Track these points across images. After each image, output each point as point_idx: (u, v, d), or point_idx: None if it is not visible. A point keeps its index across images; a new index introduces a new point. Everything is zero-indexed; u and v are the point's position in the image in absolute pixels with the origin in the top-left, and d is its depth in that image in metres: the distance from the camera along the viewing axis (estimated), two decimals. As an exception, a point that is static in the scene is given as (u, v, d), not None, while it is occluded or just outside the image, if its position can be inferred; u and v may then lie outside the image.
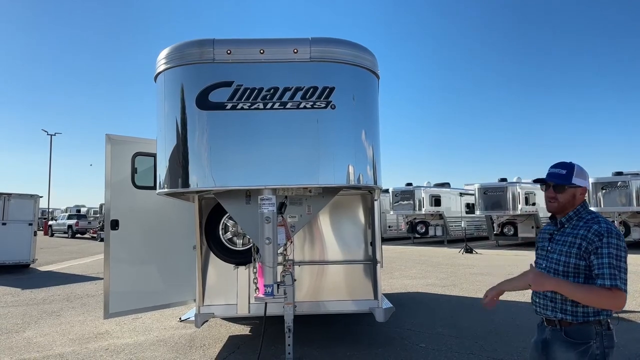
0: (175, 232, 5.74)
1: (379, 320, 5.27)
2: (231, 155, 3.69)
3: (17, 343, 5.67)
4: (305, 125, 3.71)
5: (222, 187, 3.72)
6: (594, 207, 17.73)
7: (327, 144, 3.73)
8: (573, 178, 2.21)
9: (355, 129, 3.86)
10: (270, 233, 3.87)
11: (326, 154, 3.72)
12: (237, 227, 5.37)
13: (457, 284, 9.89)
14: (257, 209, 3.93)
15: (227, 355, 5.06)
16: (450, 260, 14.81)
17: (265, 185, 3.75)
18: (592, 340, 2.08)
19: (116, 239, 5.23)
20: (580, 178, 2.23)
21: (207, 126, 3.70)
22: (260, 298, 3.76)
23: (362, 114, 3.93)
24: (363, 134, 3.90)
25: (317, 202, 4.26)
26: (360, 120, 3.90)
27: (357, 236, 5.65)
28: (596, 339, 2.08)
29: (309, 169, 3.69)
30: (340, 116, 3.77)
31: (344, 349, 5.21)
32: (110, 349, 5.35)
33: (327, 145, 3.73)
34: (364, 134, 3.90)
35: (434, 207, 22.21)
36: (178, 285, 5.76)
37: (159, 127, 3.92)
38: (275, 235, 3.86)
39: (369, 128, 3.98)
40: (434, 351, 5.12)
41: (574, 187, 2.22)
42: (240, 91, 3.69)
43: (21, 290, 9.69)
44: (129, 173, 5.39)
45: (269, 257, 3.81)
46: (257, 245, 3.96)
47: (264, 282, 3.76)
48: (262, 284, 3.77)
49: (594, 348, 2.07)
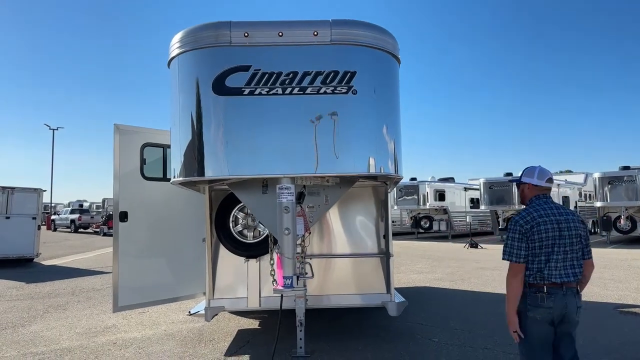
0: (184, 224, 5.63)
1: (392, 314, 5.18)
2: (249, 143, 3.56)
3: (23, 337, 5.59)
4: (326, 111, 3.56)
5: (239, 175, 3.61)
6: (600, 202, 17.62)
7: (348, 131, 3.59)
8: (522, 177, 2.99)
9: (377, 116, 3.72)
10: (289, 223, 3.75)
11: (347, 142, 3.58)
12: (248, 220, 5.27)
13: (465, 278, 9.80)
14: (275, 199, 3.81)
15: (237, 350, 4.97)
16: (456, 255, 14.71)
17: (284, 173, 3.62)
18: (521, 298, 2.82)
19: (125, 231, 5.12)
20: (527, 177, 2.97)
21: (224, 112, 3.56)
22: (279, 290, 3.66)
23: (383, 99, 3.79)
24: (385, 120, 3.76)
25: (334, 193, 4.14)
26: (382, 107, 3.76)
27: (369, 229, 5.53)
28: (522, 297, 2.81)
29: (330, 157, 3.56)
30: (362, 102, 3.63)
31: (355, 343, 5.12)
32: (118, 343, 5.27)
33: (348, 132, 3.59)
34: (385, 120, 3.77)
35: (438, 202, 22.10)
36: (187, 279, 5.67)
37: (173, 114, 3.79)
38: (294, 226, 3.74)
39: (391, 115, 3.84)
40: (447, 346, 5.03)
41: (522, 184, 3.00)
42: (258, 76, 3.55)
43: (25, 284, 9.62)
44: (138, 164, 5.27)
45: (288, 248, 3.70)
46: (275, 236, 3.85)
47: (282, 274, 3.65)
48: (281, 276, 3.66)
49: (520, 303, 2.82)
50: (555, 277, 2.74)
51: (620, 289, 8.23)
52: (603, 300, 7.34)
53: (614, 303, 7.10)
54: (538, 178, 2.92)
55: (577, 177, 24.78)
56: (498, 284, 8.77)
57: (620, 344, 5.05)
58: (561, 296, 2.74)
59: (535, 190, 2.93)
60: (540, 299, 2.73)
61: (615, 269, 10.78)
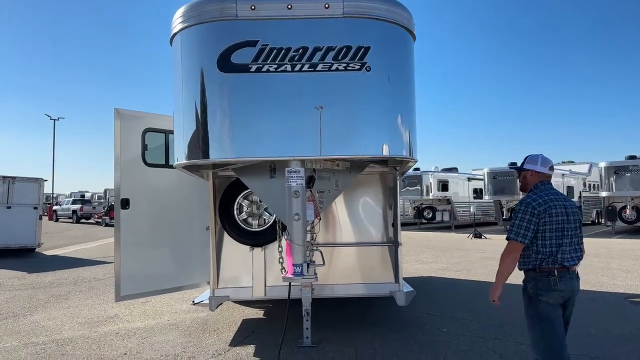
0: (187, 212, 5.50)
1: (400, 304, 5.06)
2: (256, 123, 3.36)
3: (24, 327, 5.50)
4: (338, 89, 3.36)
5: (245, 158, 3.43)
6: (605, 191, 17.45)
7: (362, 111, 3.40)
8: (525, 164, 3.03)
9: (392, 95, 3.51)
10: (299, 208, 3.59)
11: (361, 122, 3.39)
12: (253, 208, 5.14)
13: (470, 268, 9.69)
14: (283, 184, 3.64)
15: (242, 340, 4.87)
16: (460, 245, 14.61)
17: (293, 156, 3.43)
18: (529, 282, 2.88)
19: (127, 219, 4.99)
20: (531, 164, 3.00)
21: (230, 91, 3.37)
22: (289, 278, 3.52)
23: (398, 77, 3.58)
24: (400, 100, 3.57)
25: (344, 177, 3.98)
26: (397, 85, 3.55)
27: (377, 217, 5.38)
28: (532, 282, 2.85)
29: (342, 138, 3.37)
30: (376, 79, 3.42)
31: (362, 333, 5.02)
32: (120, 333, 5.17)
33: (361, 112, 3.40)
34: (401, 100, 3.57)
35: (441, 192, 21.94)
36: (191, 268, 5.55)
37: (175, 94, 3.60)
38: (304, 211, 3.58)
39: (406, 94, 3.64)
40: (457, 336, 4.92)
41: (524, 171, 3.03)
42: (266, 51, 3.34)
43: (27, 273, 9.53)
44: (139, 150, 5.12)
45: (298, 234, 3.54)
46: (284, 222, 3.70)
47: (292, 262, 3.50)
48: (291, 263, 3.52)
49: (529, 288, 2.87)
50: (567, 261, 2.81)
51: (629, 279, 8.12)
52: (613, 290, 7.23)
53: (624, 293, 6.99)
54: (541, 165, 2.97)
55: (581, 167, 24.57)
56: (505, 273, 8.64)
57: (634, 334, 4.94)
58: (569, 279, 2.82)
59: (538, 177, 2.97)
60: (553, 283, 2.77)
61: (622, 259, 10.66)
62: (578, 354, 4.31)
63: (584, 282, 7.82)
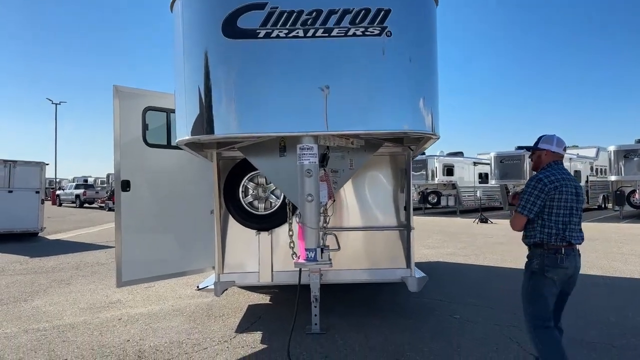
0: (191, 194, 5.29)
1: (412, 290, 4.89)
2: (264, 95, 3.08)
3: (25, 312, 5.37)
4: (356, 57, 3.06)
5: (254, 133, 3.16)
6: (614, 175, 17.19)
7: (382, 81, 3.11)
8: (540, 144, 3.05)
9: (415, 63, 3.20)
10: (312, 189, 3.34)
11: (380, 93, 3.10)
12: (259, 190, 4.95)
13: (479, 253, 9.52)
14: (294, 162, 3.40)
15: (249, 326, 4.73)
16: (466, 230, 14.43)
17: (306, 131, 3.15)
18: (535, 259, 2.93)
19: (127, 202, 4.78)
20: (547, 143, 3.02)
21: (236, 59, 3.08)
22: (301, 264, 3.30)
23: (421, 44, 3.27)
24: (423, 69, 3.27)
25: (359, 156, 3.74)
26: (419, 53, 3.24)
27: (388, 200, 5.16)
28: (538, 258, 2.90)
29: (360, 111, 3.08)
30: (397, 46, 3.11)
31: (371, 319, 4.86)
32: (123, 319, 5.03)
33: (381, 82, 3.11)
34: (423, 69, 3.28)
35: (446, 177, 21.70)
36: (195, 252, 5.36)
37: (177, 65, 3.32)
38: (318, 192, 3.35)
39: (428, 62, 3.34)
40: (470, 323, 4.76)
41: (539, 150, 3.04)
42: (276, 15, 3.05)
43: (29, 258, 9.42)
44: (140, 130, 4.90)
45: (311, 217, 3.30)
46: (295, 204, 3.47)
47: (305, 246, 3.27)
48: (303, 248, 3.29)
49: (534, 264, 2.93)
50: (574, 239, 2.88)
51: (643, 264, 7.93)
52: (628, 275, 7.04)
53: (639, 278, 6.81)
54: (557, 145, 3.02)
55: (588, 151, 24.21)
56: (514, 259, 8.47)
57: (655, 322, 4.76)
58: (572, 257, 2.89)
59: (552, 157, 3.01)
60: (560, 260, 2.84)
61: (634, 244, 10.47)
62: (599, 343, 4.16)
63: (597, 267, 7.71)
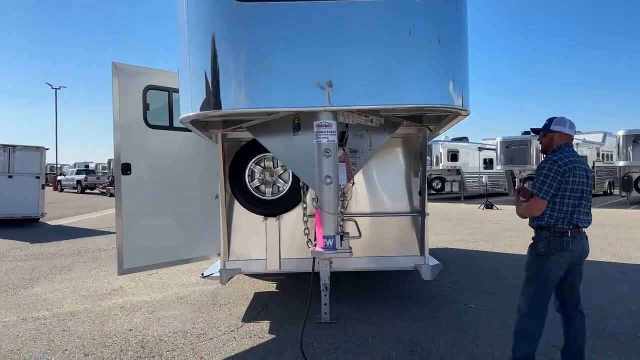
0: (195, 178, 5.06)
1: (426, 278, 4.70)
2: (277, 66, 2.80)
3: (25, 300, 5.20)
4: (380, 22, 2.77)
5: (265, 108, 2.88)
6: (622, 160, 16.92)
7: (409, 49, 2.81)
8: (551, 126, 2.97)
9: (444, 30, 2.92)
10: (330, 170, 3.07)
11: (407, 63, 2.82)
12: (266, 174, 4.72)
13: (487, 239, 9.33)
14: (310, 141, 3.12)
15: (256, 315, 4.56)
16: (472, 216, 14.24)
17: (324, 106, 2.85)
18: (540, 242, 2.90)
19: (128, 186, 4.56)
20: (559, 126, 2.95)
21: (246, 24, 2.78)
22: (319, 253, 3.06)
23: (451, 9, 2.98)
24: (453, 38, 2.98)
25: (379, 136, 3.48)
26: (450, 20, 2.96)
27: (401, 185, 4.92)
28: (544, 241, 2.87)
29: (384, 83, 2.80)
30: (425, 10, 2.82)
31: (382, 308, 4.68)
32: (125, 307, 4.86)
33: (408, 50, 2.81)
34: (454, 39, 2.99)
35: (451, 163, 21.43)
36: (199, 238, 5.16)
37: (180, 34, 3.00)
38: (337, 173, 3.07)
39: (459, 32, 3.05)
40: (486, 312, 4.57)
41: (551, 132, 2.98)
42: None
43: (30, 244, 9.26)
44: (141, 110, 4.65)
45: (329, 201, 3.03)
46: (311, 187, 3.21)
47: (323, 233, 3.02)
48: (321, 235, 3.04)
49: (540, 247, 2.90)
50: (581, 222, 2.86)
51: (658, 251, 7.74)
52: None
53: (655, 266, 6.63)
54: (570, 128, 2.97)
55: (594, 136, 23.87)
56: (523, 245, 8.25)
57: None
58: (579, 239, 2.88)
59: (564, 139, 2.97)
60: (566, 243, 2.82)
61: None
62: (621, 333, 3.98)
63: (611, 254, 7.52)
